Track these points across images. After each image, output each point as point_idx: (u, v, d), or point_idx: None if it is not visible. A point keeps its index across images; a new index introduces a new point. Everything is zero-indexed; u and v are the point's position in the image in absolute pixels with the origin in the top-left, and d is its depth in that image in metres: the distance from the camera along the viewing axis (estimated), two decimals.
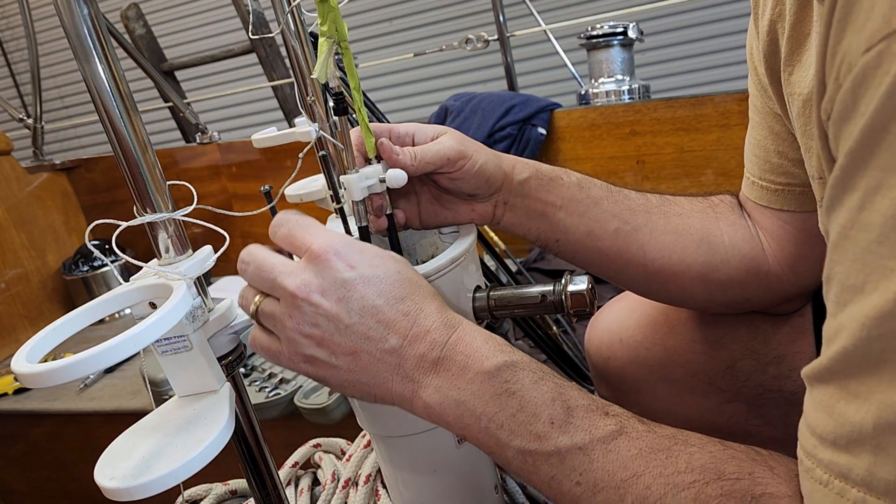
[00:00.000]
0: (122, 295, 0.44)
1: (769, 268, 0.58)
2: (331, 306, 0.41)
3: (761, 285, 0.58)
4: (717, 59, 3.02)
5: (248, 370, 1.17)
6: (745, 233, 0.59)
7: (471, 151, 0.54)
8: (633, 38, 1.50)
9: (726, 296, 0.59)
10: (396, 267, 0.44)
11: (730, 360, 0.62)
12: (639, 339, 0.67)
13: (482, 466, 0.63)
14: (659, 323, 0.67)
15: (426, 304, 0.43)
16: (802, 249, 0.56)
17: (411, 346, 0.42)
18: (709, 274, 0.58)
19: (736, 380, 0.62)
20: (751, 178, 0.58)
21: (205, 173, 1.80)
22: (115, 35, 1.81)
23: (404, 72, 3.43)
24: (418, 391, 0.42)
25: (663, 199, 0.60)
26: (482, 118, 1.43)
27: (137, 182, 0.42)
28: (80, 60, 0.39)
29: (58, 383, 0.36)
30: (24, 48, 3.22)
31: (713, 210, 0.60)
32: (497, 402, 0.40)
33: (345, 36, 0.48)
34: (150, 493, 0.39)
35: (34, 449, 1.40)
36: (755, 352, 0.62)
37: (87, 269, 1.74)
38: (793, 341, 0.61)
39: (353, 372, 0.42)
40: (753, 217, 0.59)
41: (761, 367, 0.61)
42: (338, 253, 0.42)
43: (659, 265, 0.58)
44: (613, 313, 0.72)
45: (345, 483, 0.72)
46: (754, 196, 0.57)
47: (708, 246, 0.58)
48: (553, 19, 1.74)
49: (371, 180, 0.51)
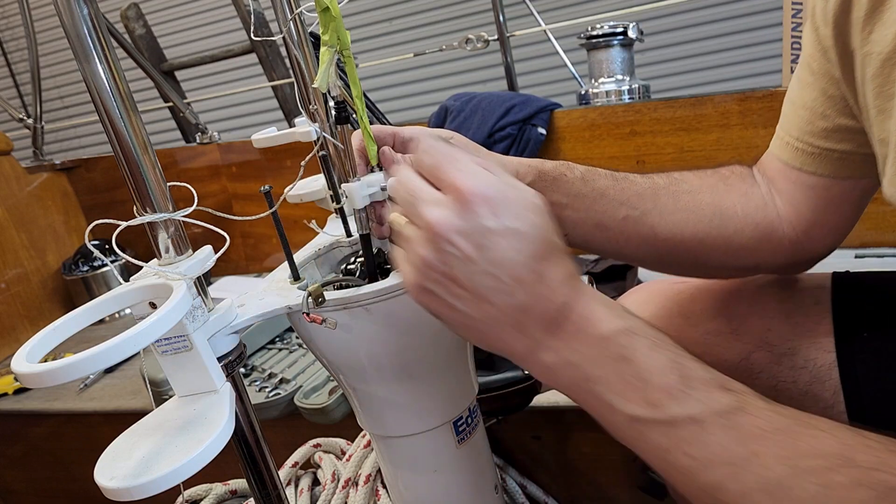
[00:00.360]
0: (122, 295, 0.44)
1: (783, 233, 0.59)
2: (468, 249, 0.40)
3: (774, 251, 0.60)
4: (717, 59, 3.01)
5: (248, 370, 1.17)
6: (758, 201, 0.60)
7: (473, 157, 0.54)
8: (633, 38, 1.50)
9: (738, 262, 0.61)
10: (539, 222, 0.42)
11: (744, 351, 0.63)
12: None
13: (482, 466, 0.63)
14: (674, 314, 0.67)
15: (557, 266, 0.42)
16: (821, 216, 0.57)
17: (536, 306, 0.41)
18: (721, 245, 0.59)
19: (751, 371, 0.62)
20: (788, 138, 0.58)
21: (205, 173, 1.80)
22: (115, 35, 1.81)
23: (404, 72, 3.43)
24: (536, 351, 0.42)
25: (670, 179, 0.61)
26: (482, 118, 1.43)
27: (137, 182, 0.42)
28: (80, 60, 0.39)
29: (58, 383, 0.36)
30: (24, 48, 3.21)
31: (724, 183, 0.61)
32: (611, 366, 0.40)
33: (347, 45, 0.48)
34: (150, 493, 0.39)
35: (34, 449, 1.40)
36: (769, 343, 0.62)
37: (87, 269, 1.74)
38: (807, 331, 0.61)
39: (472, 318, 0.42)
40: (774, 182, 0.60)
41: (775, 359, 0.61)
42: (486, 198, 0.40)
43: (671, 244, 0.59)
44: (629, 306, 0.73)
45: (345, 483, 0.72)
46: (787, 157, 0.58)
47: (720, 219, 0.59)
48: (553, 19, 1.74)
49: (373, 188, 0.51)
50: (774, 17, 2.78)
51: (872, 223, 1.23)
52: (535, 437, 0.94)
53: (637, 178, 0.60)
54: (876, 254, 1.21)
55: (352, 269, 0.59)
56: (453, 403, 0.58)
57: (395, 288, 0.49)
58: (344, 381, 0.57)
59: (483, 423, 0.63)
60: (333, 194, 0.63)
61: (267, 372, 1.13)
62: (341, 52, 0.48)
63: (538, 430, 0.94)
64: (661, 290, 0.72)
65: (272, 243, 1.77)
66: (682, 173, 0.62)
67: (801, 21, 1.24)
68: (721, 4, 2.96)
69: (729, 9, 2.96)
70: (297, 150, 0.52)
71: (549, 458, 0.93)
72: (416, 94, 3.49)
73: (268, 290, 0.54)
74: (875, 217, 1.23)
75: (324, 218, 0.68)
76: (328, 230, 0.63)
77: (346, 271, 0.59)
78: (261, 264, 1.79)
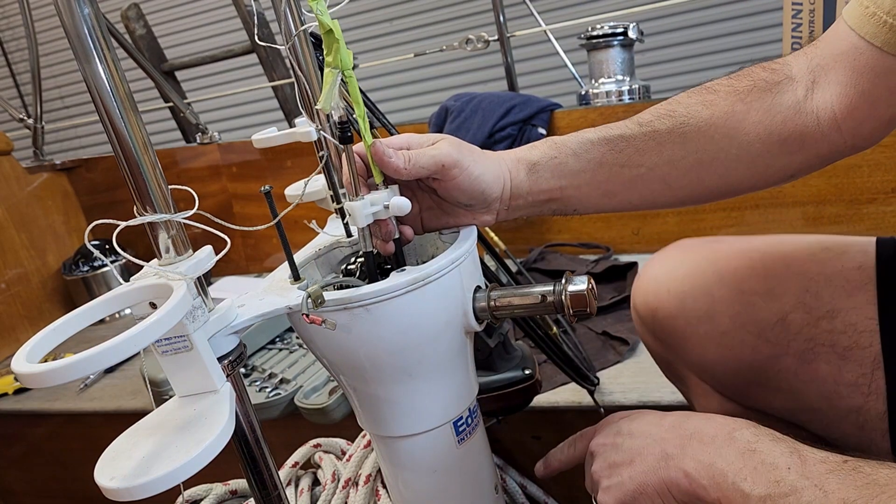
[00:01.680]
0: (122, 295, 0.44)
1: (820, 135, 0.54)
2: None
3: (807, 156, 0.56)
4: (717, 59, 3.02)
5: (248, 370, 1.17)
6: (787, 112, 0.55)
7: (466, 162, 0.53)
8: (633, 38, 1.50)
9: (768, 180, 0.58)
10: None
11: (780, 312, 0.61)
12: (686, 289, 0.66)
13: (482, 466, 0.63)
14: (707, 273, 0.66)
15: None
16: (878, 110, 0.52)
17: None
18: (745, 172, 0.56)
19: (787, 333, 0.61)
20: (878, 11, 0.50)
21: (205, 173, 1.80)
22: (116, 35, 1.81)
23: (404, 72, 3.43)
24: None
25: (674, 121, 0.57)
26: (482, 118, 1.43)
27: (138, 182, 0.42)
28: (80, 60, 0.39)
29: (58, 383, 0.36)
30: (24, 48, 3.21)
31: (742, 102, 0.56)
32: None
33: (349, 65, 0.48)
34: (150, 493, 0.39)
35: (34, 449, 1.40)
36: (807, 305, 0.60)
37: (87, 269, 1.74)
38: (848, 295, 0.59)
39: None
40: (829, 70, 0.54)
41: (813, 321, 0.60)
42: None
43: (688, 189, 0.57)
44: (660, 263, 0.71)
45: (345, 483, 0.72)
46: (869, 32, 0.51)
47: (739, 149, 0.55)
48: (553, 19, 1.74)
49: (376, 207, 0.51)
50: (774, 18, 2.78)
51: (872, 223, 1.24)
52: (535, 437, 0.94)
53: (634, 129, 0.57)
54: None
55: (352, 270, 0.59)
56: (453, 403, 0.58)
57: (395, 288, 0.49)
58: (344, 382, 0.57)
59: (483, 423, 0.63)
60: (333, 194, 0.63)
61: (267, 372, 1.13)
62: (343, 73, 0.48)
63: (538, 430, 0.94)
64: (696, 247, 0.70)
65: (272, 243, 1.77)
66: (688, 106, 0.57)
67: (800, 21, 1.24)
68: (721, 4, 2.96)
69: (729, 9, 2.96)
70: (297, 150, 0.52)
71: None
72: (417, 94, 3.49)
73: (268, 291, 0.54)
74: (875, 217, 1.23)
75: (324, 218, 0.68)
76: (328, 230, 0.63)
77: (346, 271, 0.59)
78: (261, 264, 1.80)
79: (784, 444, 0.44)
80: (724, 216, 1.35)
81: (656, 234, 1.41)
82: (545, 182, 0.57)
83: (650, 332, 0.72)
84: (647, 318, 0.70)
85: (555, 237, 1.50)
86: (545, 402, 0.92)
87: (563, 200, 0.58)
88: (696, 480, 0.47)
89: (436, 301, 0.52)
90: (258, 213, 1.78)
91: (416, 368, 0.54)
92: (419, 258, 0.64)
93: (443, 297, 0.52)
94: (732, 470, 0.44)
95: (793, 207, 1.29)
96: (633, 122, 0.58)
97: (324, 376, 1.06)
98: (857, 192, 1.23)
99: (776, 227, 1.30)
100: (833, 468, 0.41)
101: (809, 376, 0.60)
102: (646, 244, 1.42)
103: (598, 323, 1.12)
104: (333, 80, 0.47)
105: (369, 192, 0.52)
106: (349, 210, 0.51)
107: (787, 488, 0.41)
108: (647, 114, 0.58)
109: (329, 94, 0.48)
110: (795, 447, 0.44)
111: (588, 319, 1.12)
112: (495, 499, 0.65)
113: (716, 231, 1.35)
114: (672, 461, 0.48)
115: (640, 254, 1.41)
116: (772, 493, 0.41)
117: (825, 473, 0.41)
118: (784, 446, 0.44)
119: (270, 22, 1.86)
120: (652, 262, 0.72)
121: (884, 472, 0.39)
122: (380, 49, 3.48)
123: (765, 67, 0.58)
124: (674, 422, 0.51)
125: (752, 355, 0.62)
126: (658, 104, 0.59)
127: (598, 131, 0.58)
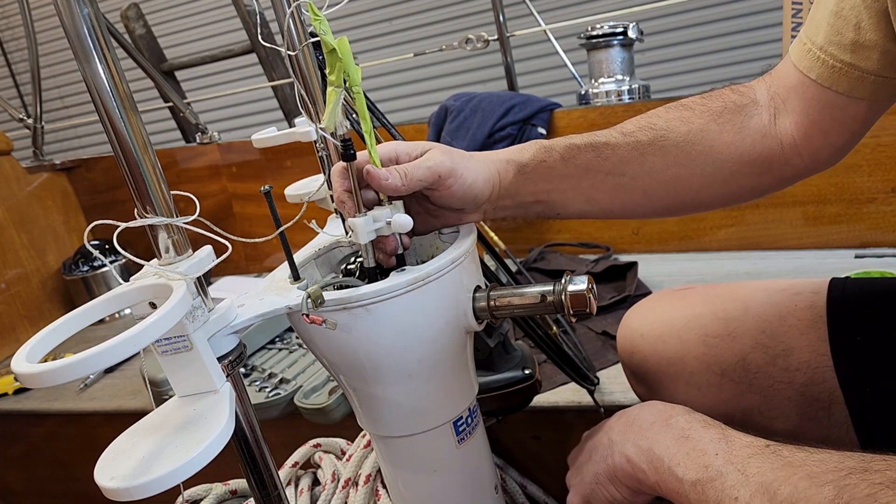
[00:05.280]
0: (122, 295, 0.44)
1: (784, 159, 0.58)
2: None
3: (774, 177, 0.60)
4: (717, 59, 3.01)
5: (248, 370, 1.17)
6: (755, 135, 0.58)
7: (461, 170, 0.54)
8: (633, 38, 1.50)
9: (737, 198, 0.62)
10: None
11: (741, 353, 0.63)
12: (657, 333, 0.69)
13: (482, 466, 0.63)
14: (675, 318, 0.69)
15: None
16: (829, 137, 0.56)
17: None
18: (718, 189, 0.60)
19: (747, 372, 0.63)
20: (812, 47, 0.54)
21: (205, 173, 1.80)
22: (115, 35, 1.81)
23: (404, 72, 3.43)
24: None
25: (655, 134, 0.59)
26: (482, 118, 1.43)
27: (137, 182, 0.42)
28: (80, 60, 0.39)
29: (58, 383, 0.36)
30: (24, 48, 3.21)
31: (715, 122, 0.59)
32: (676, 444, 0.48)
33: (357, 81, 0.48)
34: (150, 493, 0.39)
35: (34, 449, 1.40)
36: (764, 345, 0.63)
37: (87, 269, 1.74)
38: (801, 334, 0.61)
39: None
40: (786, 101, 0.58)
41: (770, 360, 0.62)
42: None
43: (666, 200, 0.60)
44: (638, 311, 0.75)
45: (345, 483, 0.72)
46: (806, 65, 0.55)
47: (713, 166, 0.58)
48: (553, 19, 1.74)
49: (379, 223, 0.51)
50: (774, 17, 2.78)
51: (872, 223, 1.24)
52: (535, 437, 0.94)
53: (618, 139, 0.59)
54: (876, 254, 1.21)
55: (351, 269, 0.59)
56: (453, 403, 0.58)
57: (394, 288, 0.49)
58: (344, 382, 0.57)
59: (483, 423, 0.63)
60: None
61: (267, 372, 1.13)
62: (350, 89, 0.48)
63: (538, 430, 0.94)
64: (669, 296, 0.74)
65: (272, 243, 1.76)
66: (667, 121, 0.60)
67: (801, 21, 1.24)
68: (721, 4, 2.96)
69: (729, 9, 2.96)
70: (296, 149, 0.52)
71: (549, 458, 0.93)
72: (416, 94, 3.48)
73: (268, 290, 0.54)
74: (875, 217, 1.23)
75: (324, 218, 0.68)
76: (328, 230, 0.63)
77: (346, 271, 0.59)
78: (261, 264, 1.79)
79: (714, 430, 0.48)
80: (724, 215, 1.35)
81: (656, 234, 1.41)
82: (533, 185, 0.58)
83: (633, 374, 0.75)
84: (627, 360, 0.74)
85: (555, 237, 1.50)
86: (545, 401, 0.92)
87: (548, 203, 0.60)
88: (637, 465, 0.51)
89: (435, 301, 0.52)
90: (258, 213, 1.78)
91: (415, 368, 0.54)
92: (419, 258, 0.64)
93: (442, 297, 0.52)
94: (668, 455, 0.48)
95: (793, 207, 1.28)
96: (616, 132, 0.60)
97: (324, 376, 1.06)
98: (857, 191, 1.23)
99: (776, 227, 1.30)
100: (755, 452, 0.44)
101: (773, 413, 0.63)
102: (646, 244, 1.42)
103: (598, 323, 1.12)
104: (336, 99, 0.48)
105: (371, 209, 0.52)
106: (352, 226, 0.51)
107: (714, 473, 0.44)
108: (629, 124, 0.61)
109: (332, 114, 0.48)
110: (724, 433, 0.47)
111: (588, 319, 1.13)
112: (495, 499, 0.65)
113: (716, 230, 1.35)
114: (616, 447, 0.53)
115: (640, 254, 1.41)
116: (701, 478, 0.45)
117: (747, 457, 0.44)
118: (714, 432, 0.48)
119: (270, 22, 1.86)
120: (633, 309, 0.76)
121: (800, 455, 0.41)
122: (379, 49, 3.48)
123: (734, 90, 0.61)
124: (623, 412, 0.56)
125: (718, 394, 0.65)
126: (638, 116, 0.61)
127: (585, 138, 0.60)
